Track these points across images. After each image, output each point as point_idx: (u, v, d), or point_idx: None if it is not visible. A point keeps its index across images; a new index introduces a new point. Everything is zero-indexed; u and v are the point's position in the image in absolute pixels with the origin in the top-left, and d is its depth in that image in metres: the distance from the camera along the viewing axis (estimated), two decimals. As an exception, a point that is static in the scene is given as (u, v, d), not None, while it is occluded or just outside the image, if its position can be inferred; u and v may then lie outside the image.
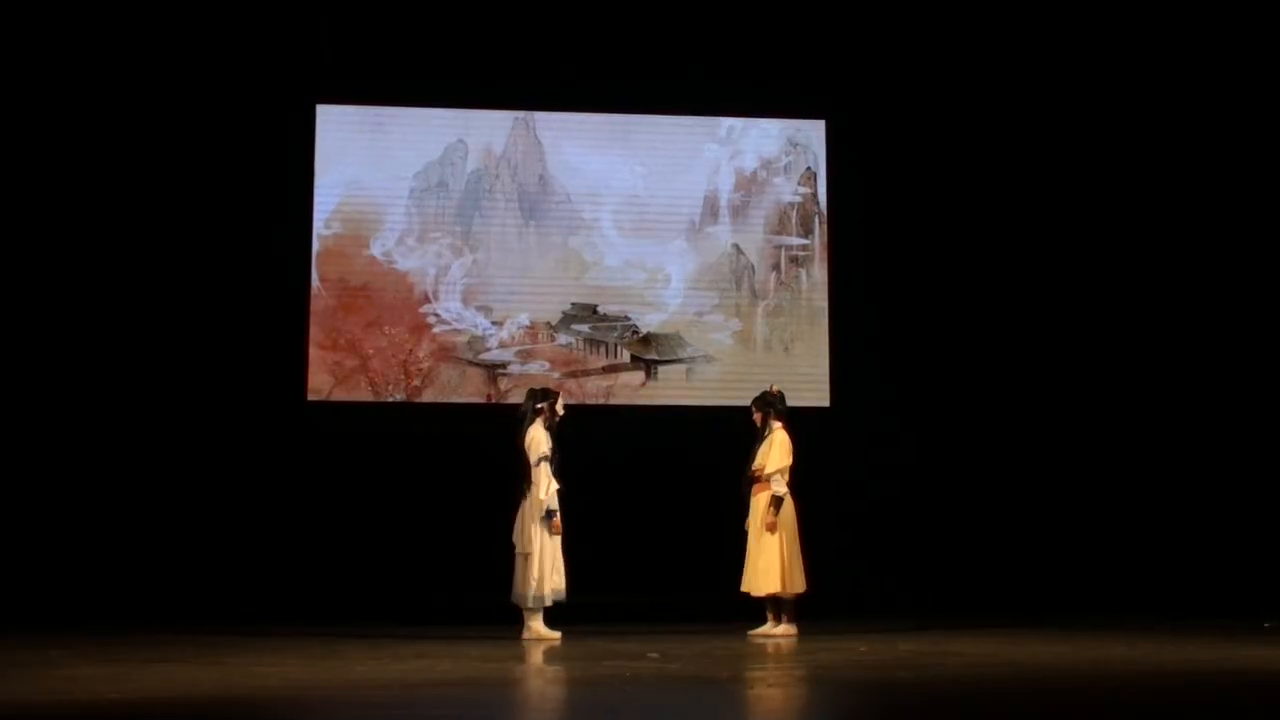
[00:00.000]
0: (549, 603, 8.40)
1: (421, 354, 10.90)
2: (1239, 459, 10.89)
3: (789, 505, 8.78)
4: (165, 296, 10.67)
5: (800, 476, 8.91)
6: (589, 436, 10.11)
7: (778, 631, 8.65)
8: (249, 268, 10.72)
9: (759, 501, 8.81)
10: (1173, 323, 11.36)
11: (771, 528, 8.65)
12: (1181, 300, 11.38)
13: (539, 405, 8.61)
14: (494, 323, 11.05)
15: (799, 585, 8.72)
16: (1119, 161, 11.52)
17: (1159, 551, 10.88)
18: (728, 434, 9.31)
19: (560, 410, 8.66)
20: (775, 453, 8.79)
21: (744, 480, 8.90)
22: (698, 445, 10.32)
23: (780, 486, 8.72)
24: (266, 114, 10.85)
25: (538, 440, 8.50)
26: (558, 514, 8.40)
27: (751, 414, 9.00)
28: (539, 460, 8.43)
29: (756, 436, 8.94)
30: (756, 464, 8.85)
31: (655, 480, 10.48)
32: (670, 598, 10.11)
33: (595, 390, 11.03)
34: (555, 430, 8.60)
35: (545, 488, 8.38)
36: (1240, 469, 10.83)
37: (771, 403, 8.97)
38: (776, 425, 8.90)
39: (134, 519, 10.34)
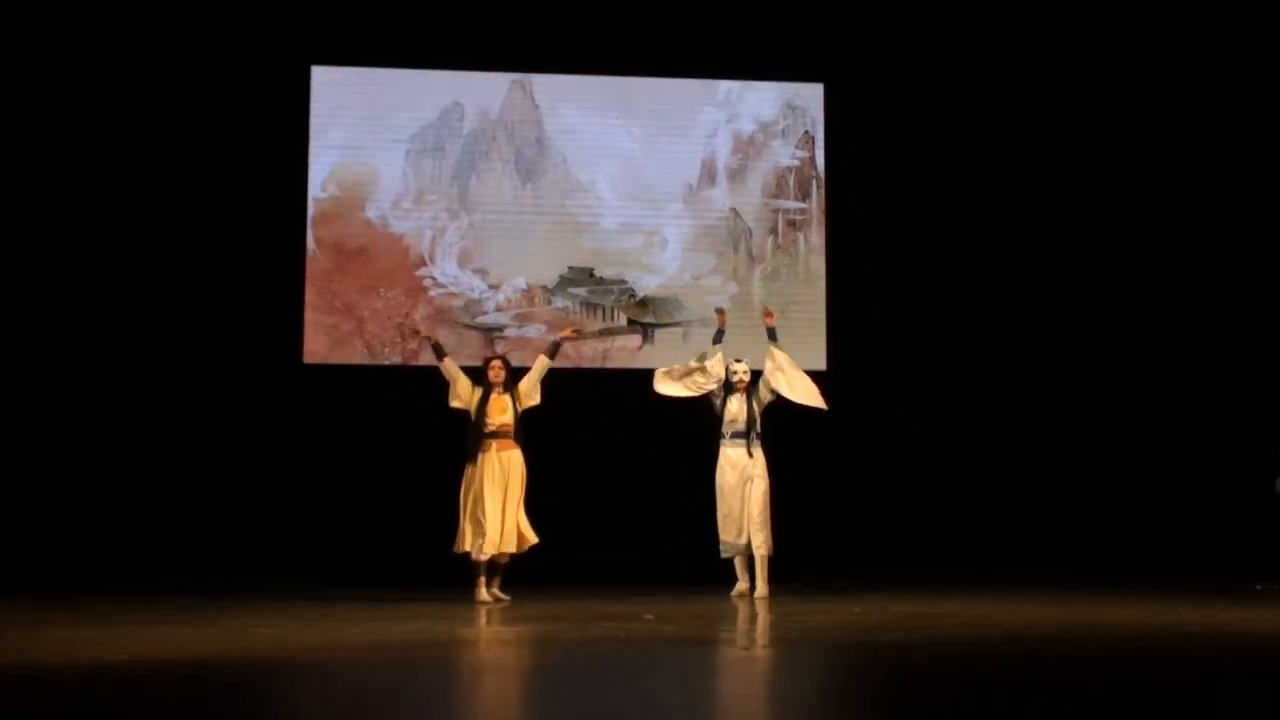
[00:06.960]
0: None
1: (418, 317, 10.87)
2: (1232, 420, 10.91)
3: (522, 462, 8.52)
4: (161, 260, 10.66)
5: (796, 440, 8.88)
6: (586, 399, 10.15)
7: (488, 596, 8.40)
8: (245, 231, 10.69)
9: (510, 459, 8.47)
10: (1168, 289, 11.38)
11: None
12: (1178, 267, 11.39)
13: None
14: (491, 286, 11.03)
15: (511, 545, 8.41)
16: (1119, 129, 11.49)
17: (1152, 513, 10.94)
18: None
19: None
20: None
21: (472, 435, 8.48)
22: (694, 408, 10.31)
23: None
24: (262, 76, 10.79)
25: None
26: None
27: (488, 367, 8.67)
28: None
29: (490, 388, 8.57)
30: (504, 418, 8.49)
31: (652, 443, 10.47)
32: (667, 557, 10.11)
33: (592, 354, 11.02)
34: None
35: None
36: (1232, 430, 10.85)
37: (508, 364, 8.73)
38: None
39: (131, 481, 10.36)
